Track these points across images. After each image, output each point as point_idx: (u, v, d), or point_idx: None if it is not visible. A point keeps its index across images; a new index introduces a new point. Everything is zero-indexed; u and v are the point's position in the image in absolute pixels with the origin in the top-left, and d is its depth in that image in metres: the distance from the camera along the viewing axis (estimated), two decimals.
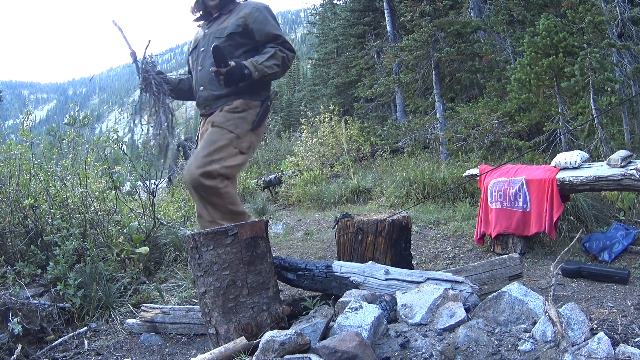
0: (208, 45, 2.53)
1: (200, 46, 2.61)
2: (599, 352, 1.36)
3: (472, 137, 7.54)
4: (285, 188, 7.95)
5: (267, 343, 1.50)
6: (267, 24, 2.50)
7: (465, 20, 8.99)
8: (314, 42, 24.86)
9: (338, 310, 1.90)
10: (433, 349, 1.55)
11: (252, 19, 2.49)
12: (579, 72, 5.46)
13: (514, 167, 3.83)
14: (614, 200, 4.22)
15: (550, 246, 3.71)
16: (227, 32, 2.50)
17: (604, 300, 2.64)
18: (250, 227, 2.00)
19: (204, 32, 2.64)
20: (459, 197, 5.49)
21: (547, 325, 1.49)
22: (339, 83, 15.44)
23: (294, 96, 26.24)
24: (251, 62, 2.36)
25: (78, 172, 3.87)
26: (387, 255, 2.69)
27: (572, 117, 6.00)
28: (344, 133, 9.06)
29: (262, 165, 11.19)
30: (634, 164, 3.12)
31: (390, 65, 11.35)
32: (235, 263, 1.93)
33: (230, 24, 2.51)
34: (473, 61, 8.87)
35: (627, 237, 3.37)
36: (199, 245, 1.93)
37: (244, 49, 2.51)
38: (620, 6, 6.38)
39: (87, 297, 2.87)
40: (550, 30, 5.79)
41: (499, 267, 2.48)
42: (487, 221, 3.76)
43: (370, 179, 7.40)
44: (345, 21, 15.75)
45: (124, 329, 2.70)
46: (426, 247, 4.12)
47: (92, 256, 3.12)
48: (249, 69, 2.34)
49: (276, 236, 5.15)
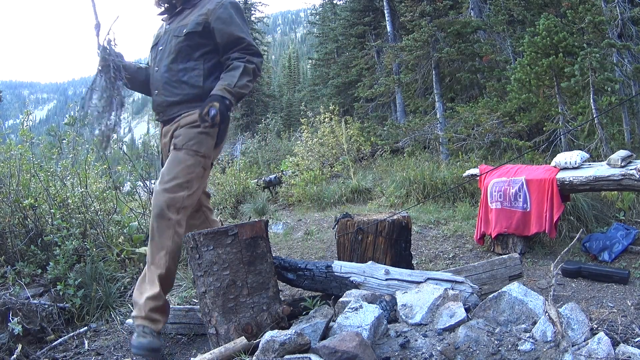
0: (167, 43, 2.36)
1: (160, 44, 2.41)
2: (599, 352, 1.36)
3: (472, 137, 7.54)
4: (285, 188, 7.95)
5: (267, 343, 1.50)
6: (230, 24, 2.29)
7: (465, 20, 8.99)
8: (314, 42, 24.87)
9: (338, 310, 1.90)
10: (433, 349, 1.55)
11: (214, 17, 2.28)
12: (579, 72, 5.46)
13: (514, 167, 3.83)
14: (614, 200, 4.22)
15: (550, 246, 3.71)
16: (186, 30, 2.30)
17: (604, 300, 2.64)
18: (250, 227, 2.00)
19: (165, 29, 2.45)
20: (459, 197, 5.49)
21: (547, 325, 1.49)
22: (339, 83, 15.45)
23: (294, 96, 26.25)
24: (225, 89, 2.20)
25: (78, 172, 3.87)
26: (387, 255, 2.69)
27: (572, 117, 6.00)
28: (344, 133, 9.06)
29: (262, 165, 11.19)
30: (634, 164, 3.12)
31: (390, 65, 11.35)
32: (235, 263, 1.93)
33: (191, 21, 2.31)
34: (473, 61, 8.87)
35: (627, 237, 3.38)
36: (199, 245, 1.93)
37: (203, 50, 2.32)
38: (620, 6, 6.38)
39: (87, 297, 2.87)
40: (550, 30, 5.79)
41: (499, 267, 2.48)
42: (487, 221, 3.76)
43: (370, 179, 7.40)
44: (345, 21, 15.76)
45: (124, 329, 2.70)
46: (426, 247, 4.12)
47: (92, 256, 3.11)
48: (227, 98, 2.20)
49: (276, 236, 5.15)
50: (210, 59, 2.34)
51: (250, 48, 2.31)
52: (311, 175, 7.76)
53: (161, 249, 2.17)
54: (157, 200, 2.18)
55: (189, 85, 2.32)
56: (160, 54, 2.39)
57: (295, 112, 21.51)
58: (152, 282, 2.16)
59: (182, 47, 2.30)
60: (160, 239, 2.17)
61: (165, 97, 2.35)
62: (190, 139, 2.26)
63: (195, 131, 2.26)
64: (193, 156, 2.25)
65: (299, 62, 35.39)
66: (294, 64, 33.66)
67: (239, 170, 8.66)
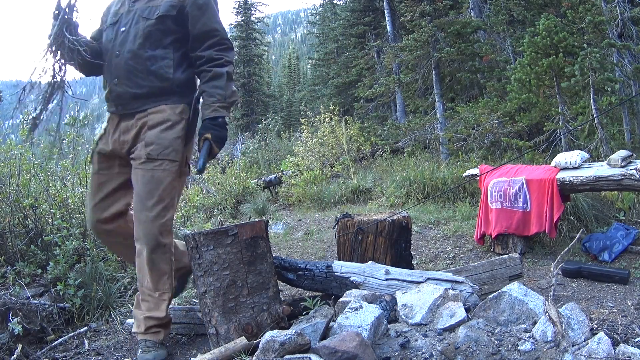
0: (132, 24, 2.08)
1: (122, 24, 2.11)
2: (599, 352, 1.36)
3: (472, 137, 7.54)
4: (285, 188, 7.95)
5: (267, 343, 1.50)
6: (206, 12, 2.08)
7: (465, 20, 9.00)
8: (314, 42, 24.90)
9: (338, 310, 1.90)
10: (433, 349, 1.55)
11: (190, 2, 2.06)
12: (579, 72, 5.46)
13: (514, 167, 3.83)
14: (614, 200, 4.22)
15: (551, 246, 3.71)
16: (158, 13, 2.05)
17: (604, 300, 2.64)
18: (250, 227, 2.00)
19: (128, 7, 2.14)
20: (459, 197, 5.49)
21: (547, 325, 1.49)
22: (339, 83, 15.46)
23: (294, 96, 26.26)
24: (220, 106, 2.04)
25: (78, 172, 3.88)
26: (387, 255, 2.69)
27: (572, 117, 6.00)
28: (344, 133, 9.06)
29: (262, 165, 11.19)
30: (634, 164, 3.12)
31: (391, 65, 11.35)
32: (236, 263, 1.93)
33: (164, 3, 2.06)
34: (473, 61, 8.87)
35: (627, 237, 3.37)
36: (199, 245, 1.93)
37: (174, 37, 2.10)
38: (620, 6, 6.38)
39: (87, 297, 2.87)
40: (551, 30, 5.79)
41: (499, 267, 2.48)
42: (487, 221, 3.76)
43: (370, 179, 7.40)
44: (345, 21, 15.78)
45: (124, 329, 2.70)
46: (426, 247, 4.12)
47: (92, 256, 3.12)
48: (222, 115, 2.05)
49: (276, 236, 5.15)
50: (179, 47, 2.11)
51: (223, 42, 2.13)
52: (311, 175, 7.76)
53: (163, 274, 2.10)
54: (149, 230, 2.00)
55: (158, 77, 2.07)
56: (122, 35, 2.08)
57: (295, 112, 21.53)
58: (158, 307, 2.11)
59: (152, 31, 2.05)
60: (161, 266, 2.09)
61: (129, 89, 2.06)
62: (165, 147, 2.03)
63: (170, 136, 2.05)
64: (172, 169, 2.05)
65: (299, 62, 35.39)
66: (294, 64, 33.68)
67: (239, 170, 8.67)
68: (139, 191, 2.03)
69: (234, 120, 20.57)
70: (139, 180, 2.03)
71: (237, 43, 21.59)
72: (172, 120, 2.07)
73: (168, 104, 2.08)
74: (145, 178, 2.02)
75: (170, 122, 2.06)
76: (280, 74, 37.42)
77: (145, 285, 2.11)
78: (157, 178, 2.02)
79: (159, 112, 2.07)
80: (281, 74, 37.07)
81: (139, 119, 2.09)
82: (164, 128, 2.05)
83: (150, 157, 2.02)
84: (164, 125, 2.05)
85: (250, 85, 20.87)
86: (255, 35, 21.93)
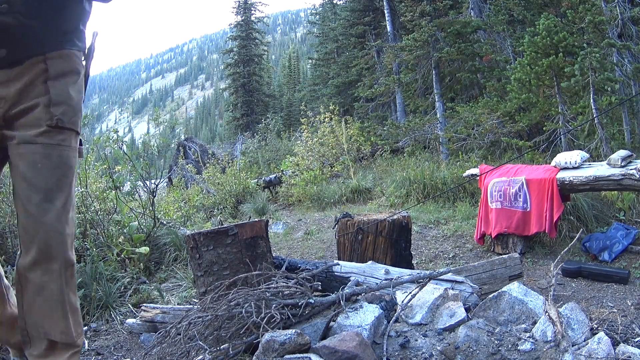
0: None
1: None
2: (599, 352, 1.36)
3: (472, 137, 7.54)
4: (285, 188, 7.95)
5: (267, 343, 1.50)
6: None
7: (465, 20, 9.00)
8: (314, 42, 24.90)
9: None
10: (433, 348, 1.55)
11: None
12: (579, 72, 5.46)
13: (514, 167, 3.83)
14: (614, 200, 4.22)
15: (551, 246, 3.71)
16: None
17: (604, 300, 2.64)
18: (250, 227, 2.00)
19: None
20: (459, 197, 5.49)
21: (547, 325, 1.49)
22: (339, 83, 15.46)
23: (294, 96, 26.25)
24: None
25: (78, 172, 3.88)
26: (387, 255, 2.69)
27: (572, 117, 6.00)
28: (344, 133, 9.06)
29: (262, 165, 11.20)
30: (634, 163, 3.12)
31: (390, 65, 11.36)
32: (236, 263, 1.93)
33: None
34: (473, 61, 8.87)
35: (627, 237, 3.38)
36: (199, 245, 1.93)
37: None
38: (620, 6, 6.38)
39: (87, 297, 2.87)
40: (550, 30, 5.79)
41: (499, 267, 2.48)
42: (487, 221, 3.76)
43: (370, 178, 7.41)
44: (345, 21, 15.77)
45: (124, 329, 2.70)
46: (426, 247, 4.12)
47: (92, 256, 3.12)
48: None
49: (276, 236, 5.15)
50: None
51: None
52: (311, 175, 7.77)
53: (77, 309, 1.56)
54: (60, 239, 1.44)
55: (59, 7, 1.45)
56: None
57: (295, 112, 21.54)
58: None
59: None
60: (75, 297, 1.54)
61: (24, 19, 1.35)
62: (75, 111, 1.47)
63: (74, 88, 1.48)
64: (76, 146, 1.51)
65: (299, 62, 35.38)
66: (294, 64, 33.67)
67: (239, 170, 8.67)
68: (36, 181, 1.40)
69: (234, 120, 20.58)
70: (39, 163, 1.40)
71: (237, 43, 21.63)
72: (74, 68, 1.50)
73: (67, 49, 1.48)
74: (50, 159, 1.41)
75: (72, 72, 1.49)
76: (280, 74, 37.42)
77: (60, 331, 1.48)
78: (66, 159, 1.45)
79: (62, 58, 1.46)
80: (281, 73, 37.06)
81: (34, 66, 1.41)
82: (72, 82, 1.48)
83: (59, 123, 1.41)
84: (71, 78, 1.48)
85: (250, 85, 20.90)
86: (255, 35, 21.95)
